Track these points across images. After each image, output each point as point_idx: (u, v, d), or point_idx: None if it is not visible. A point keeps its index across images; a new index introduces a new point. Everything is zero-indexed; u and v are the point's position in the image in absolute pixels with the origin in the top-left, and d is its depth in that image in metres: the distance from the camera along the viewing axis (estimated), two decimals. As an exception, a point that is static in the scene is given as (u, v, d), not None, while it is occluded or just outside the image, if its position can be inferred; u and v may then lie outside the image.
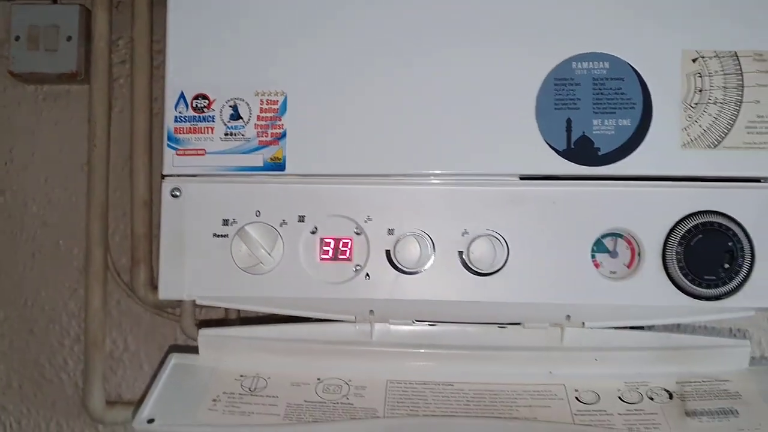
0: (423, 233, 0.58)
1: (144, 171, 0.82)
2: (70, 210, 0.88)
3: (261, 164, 0.59)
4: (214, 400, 0.57)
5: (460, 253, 0.58)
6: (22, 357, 0.89)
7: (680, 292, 0.56)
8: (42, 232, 0.88)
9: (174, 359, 0.61)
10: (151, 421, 0.54)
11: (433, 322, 0.61)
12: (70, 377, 0.88)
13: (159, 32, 0.84)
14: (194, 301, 0.78)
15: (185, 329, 0.81)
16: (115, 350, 0.88)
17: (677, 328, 0.69)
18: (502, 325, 0.60)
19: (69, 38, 0.83)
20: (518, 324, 0.60)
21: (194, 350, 0.63)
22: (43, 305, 0.88)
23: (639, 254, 0.57)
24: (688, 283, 0.55)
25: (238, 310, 0.80)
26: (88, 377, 0.83)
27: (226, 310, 0.81)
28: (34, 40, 0.83)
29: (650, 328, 0.63)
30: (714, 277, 0.56)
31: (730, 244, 0.56)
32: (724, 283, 0.55)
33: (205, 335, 0.62)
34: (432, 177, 0.59)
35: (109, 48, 0.83)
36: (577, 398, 0.56)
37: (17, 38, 0.83)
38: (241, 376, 0.60)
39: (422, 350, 0.61)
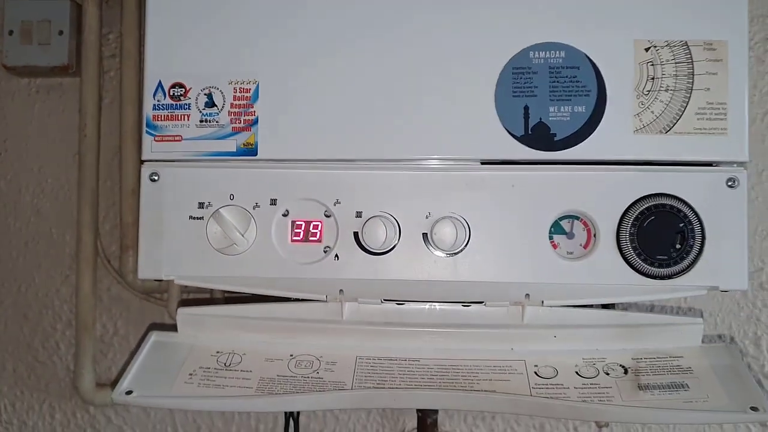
0: (389, 216, 0.60)
1: (133, 161, 0.84)
2: (62, 198, 0.90)
3: (234, 149, 0.61)
4: (191, 374, 0.59)
5: (424, 234, 0.60)
6: (15, 341, 0.91)
7: (634, 272, 0.58)
8: (35, 220, 0.90)
9: (154, 336, 0.63)
10: (129, 392, 0.56)
11: (400, 301, 0.63)
12: (62, 360, 0.91)
13: None
14: (180, 286, 0.82)
15: (171, 313, 0.82)
16: (105, 334, 0.90)
17: (634, 306, 0.71)
18: (465, 303, 0.62)
19: (61, 32, 0.85)
20: (481, 303, 0.62)
21: (175, 329, 0.65)
22: (36, 291, 0.91)
23: (594, 235, 0.59)
24: (641, 262, 0.57)
25: (224, 294, 0.82)
26: (79, 360, 0.84)
27: (211, 294, 0.83)
28: (27, 34, 0.85)
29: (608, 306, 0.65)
30: (666, 257, 0.58)
31: (681, 225, 0.58)
32: (676, 263, 0.57)
33: (184, 313, 0.64)
34: (397, 162, 0.61)
35: (100, 42, 0.85)
36: (536, 373, 0.59)
37: (10, 32, 0.85)
38: (218, 352, 0.62)
39: (390, 328, 0.63)
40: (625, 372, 0.58)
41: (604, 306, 0.65)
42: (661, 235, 0.58)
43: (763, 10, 0.82)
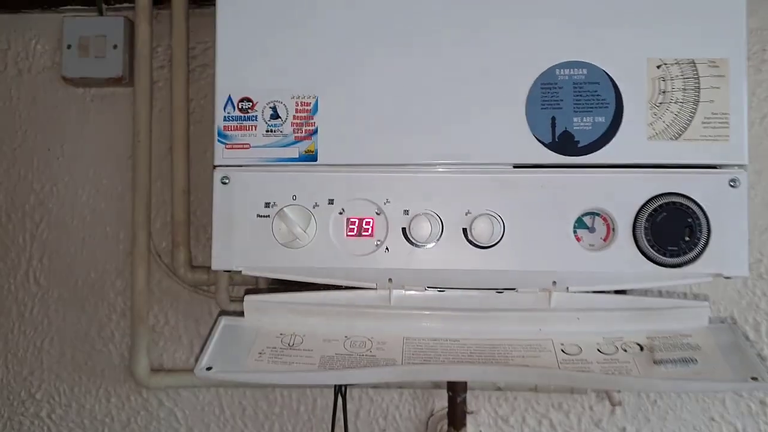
0: (433, 213, 0.66)
1: (183, 163, 0.90)
2: (116, 199, 0.96)
3: (296, 156, 0.67)
4: (260, 353, 0.66)
5: (464, 230, 0.66)
6: (74, 331, 0.97)
7: (648, 261, 0.65)
8: (91, 218, 0.96)
9: (223, 321, 0.69)
10: (209, 368, 0.63)
11: (442, 289, 0.69)
12: (117, 348, 0.97)
13: (194, 40, 0.92)
14: (229, 277, 0.89)
15: (220, 303, 0.90)
16: (157, 324, 0.96)
17: (649, 292, 0.78)
18: (499, 290, 0.69)
19: (115, 46, 0.91)
20: (513, 289, 0.68)
21: (239, 316, 0.72)
22: (92, 284, 0.96)
23: (613, 229, 0.66)
24: (654, 253, 0.64)
25: (267, 285, 0.88)
26: (134, 347, 0.91)
27: (256, 284, 0.89)
28: (84, 48, 0.91)
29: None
30: (676, 248, 0.64)
31: (689, 220, 0.64)
32: (685, 253, 0.64)
33: (250, 300, 0.70)
34: (440, 166, 0.67)
35: (150, 54, 0.91)
36: (562, 350, 0.66)
37: (69, 47, 0.91)
38: (281, 334, 0.68)
39: (433, 312, 0.69)
40: (641, 349, 0.66)
41: (622, 291, 0.71)
42: (672, 229, 0.64)
43: (758, 24, 0.88)
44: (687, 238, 0.64)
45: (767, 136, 0.89)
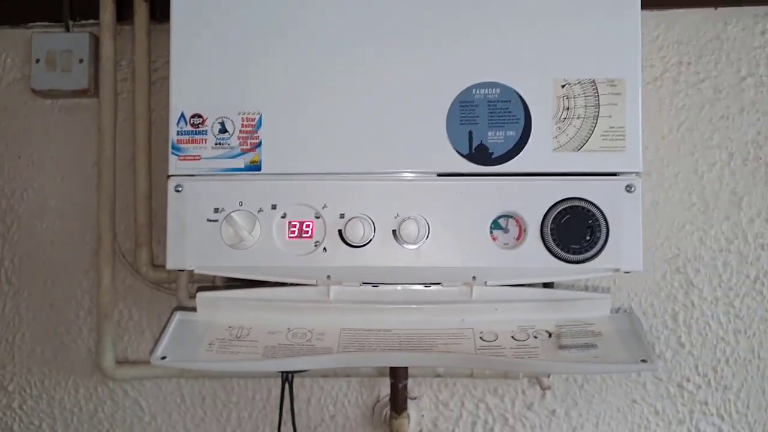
0: (366, 216, 0.72)
1: (145, 170, 0.95)
2: (83, 203, 0.99)
3: (242, 166, 0.72)
4: (210, 344, 0.72)
5: (394, 231, 0.72)
6: (44, 327, 1.01)
7: (554, 258, 0.72)
8: (59, 222, 1.00)
9: (178, 315, 0.76)
10: (164, 357, 0.70)
11: (376, 284, 0.75)
12: (84, 342, 1.01)
13: (155, 54, 0.96)
14: (188, 275, 0.94)
15: (180, 300, 0.94)
16: (122, 319, 1.00)
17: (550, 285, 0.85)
18: (426, 285, 0.75)
19: (81, 60, 0.95)
20: (438, 284, 0.75)
21: (193, 311, 0.78)
22: (60, 284, 1.00)
23: (524, 230, 0.72)
24: (559, 250, 0.71)
25: (224, 283, 0.93)
26: (100, 342, 0.96)
27: (213, 283, 0.94)
28: (51, 62, 0.95)
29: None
30: (578, 246, 0.71)
31: (590, 221, 0.71)
32: (586, 251, 0.71)
33: (202, 297, 0.76)
34: (372, 174, 0.73)
35: (114, 68, 0.95)
36: (480, 338, 0.73)
37: (37, 61, 0.95)
38: (230, 327, 0.75)
39: (367, 305, 0.75)
40: (550, 336, 0.73)
41: (550, 285, 0.79)
42: (574, 230, 0.71)
43: (676, 38, 0.95)
44: (588, 238, 0.72)
45: (684, 142, 0.96)
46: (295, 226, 0.73)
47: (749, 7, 0.95)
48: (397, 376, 0.92)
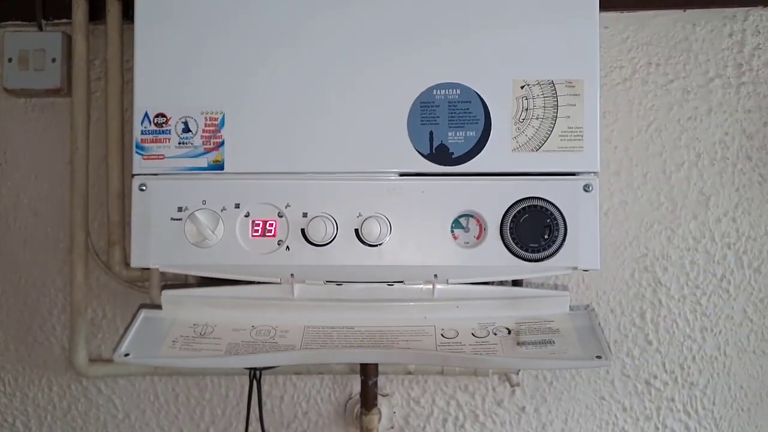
0: (328, 216, 0.73)
1: (117, 168, 0.96)
2: (56, 201, 1.00)
3: (206, 165, 0.73)
4: (174, 341, 0.73)
5: (356, 230, 0.73)
6: (17, 325, 1.02)
7: (513, 256, 0.73)
8: (33, 220, 1.01)
9: (143, 313, 0.77)
10: (127, 354, 0.71)
11: (339, 282, 0.76)
12: (58, 341, 1.02)
13: (128, 53, 0.95)
14: (160, 274, 0.95)
15: (153, 298, 0.94)
16: (95, 317, 1.01)
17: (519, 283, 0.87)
18: (390, 283, 0.76)
19: (54, 60, 0.96)
20: (401, 282, 0.76)
21: (158, 309, 0.79)
22: (34, 281, 1.01)
23: (485, 229, 0.74)
24: (518, 249, 0.73)
25: (197, 281, 0.92)
26: (73, 340, 0.97)
27: (186, 281, 0.94)
28: (24, 61, 0.96)
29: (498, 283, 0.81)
30: (537, 245, 0.73)
31: (548, 221, 0.73)
32: (545, 249, 0.73)
33: (167, 294, 0.77)
34: (334, 174, 0.73)
35: (87, 67, 0.96)
36: (442, 335, 0.74)
37: (10, 60, 0.96)
38: (194, 324, 0.76)
39: (331, 303, 0.76)
40: (509, 333, 0.75)
41: (519, 283, 0.81)
42: (533, 228, 0.73)
43: (646, 39, 0.96)
44: (546, 236, 0.73)
45: (652, 142, 0.97)
46: (258, 225, 0.74)
47: (717, 9, 0.97)
48: (368, 373, 0.94)
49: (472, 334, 0.74)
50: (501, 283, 0.81)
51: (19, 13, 0.99)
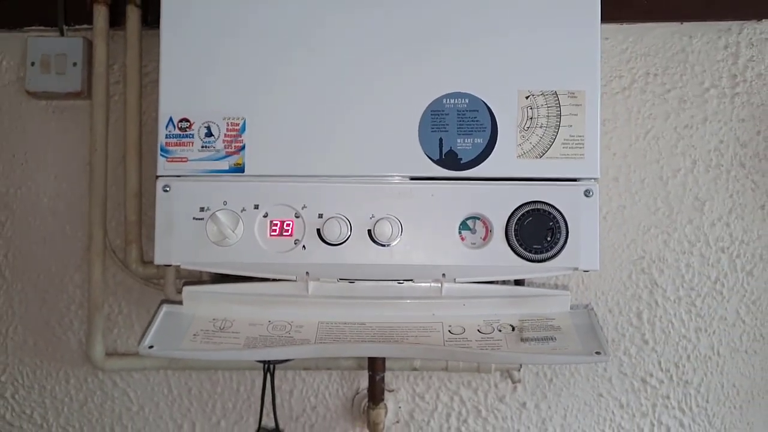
0: (343, 217, 0.76)
1: (135, 169, 0.98)
2: (75, 201, 1.02)
3: (227, 168, 0.76)
4: (195, 335, 0.76)
5: (369, 231, 0.76)
6: (36, 320, 1.04)
7: (518, 257, 0.76)
8: (52, 219, 1.03)
9: (165, 308, 0.80)
10: (151, 347, 0.74)
11: (352, 280, 0.79)
12: (75, 335, 1.04)
13: (146, 58, 1.00)
14: (176, 271, 0.98)
15: (168, 295, 0.97)
16: (112, 313, 1.04)
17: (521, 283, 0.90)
18: (399, 281, 0.79)
19: (75, 64, 0.99)
20: (411, 280, 0.79)
21: (179, 304, 0.82)
22: (52, 278, 1.04)
23: (490, 231, 0.77)
24: (522, 250, 0.76)
25: (211, 278, 0.95)
26: (91, 334, 0.99)
27: (200, 278, 0.96)
28: (46, 65, 0.99)
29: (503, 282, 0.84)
30: (540, 246, 0.76)
31: (551, 224, 0.76)
32: (547, 251, 0.76)
33: (188, 290, 0.80)
34: (349, 177, 0.76)
35: (107, 71, 0.98)
36: (449, 331, 0.77)
37: (32, 64, 0.99)
38: (214, 319, 0.78)
39: (344, 300, 0.79)
40: (513, 329, 0.78)
41: (521, 282, 0.84)
42: (536, 231, 0.76)
43: (644, 50, 1.00)
44: (549, 238, 0.76)
45: (650, 149, 1.00)
46: (276, 225, 0.77)
47: (713, 22, 1.00)
48: (375, 368, 0.97)
49: (478, 330, 0.78)
50: (504, 282, 0.84)
51: (42, 18, 1.02)
